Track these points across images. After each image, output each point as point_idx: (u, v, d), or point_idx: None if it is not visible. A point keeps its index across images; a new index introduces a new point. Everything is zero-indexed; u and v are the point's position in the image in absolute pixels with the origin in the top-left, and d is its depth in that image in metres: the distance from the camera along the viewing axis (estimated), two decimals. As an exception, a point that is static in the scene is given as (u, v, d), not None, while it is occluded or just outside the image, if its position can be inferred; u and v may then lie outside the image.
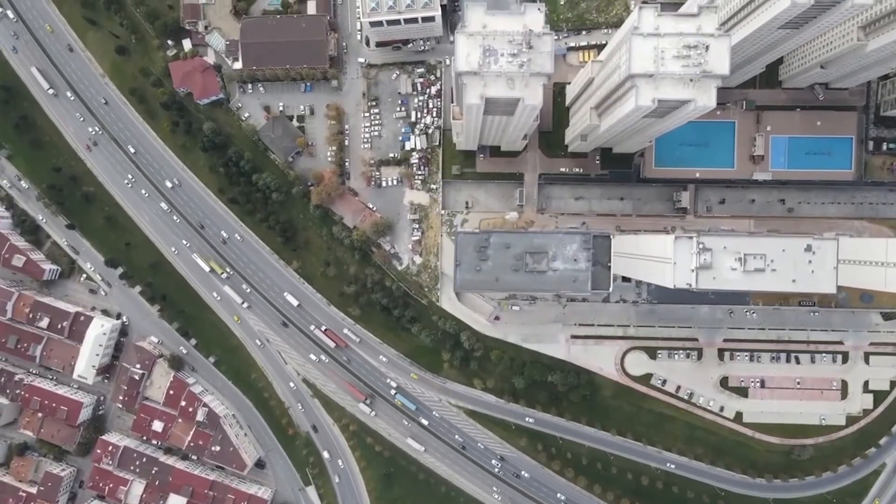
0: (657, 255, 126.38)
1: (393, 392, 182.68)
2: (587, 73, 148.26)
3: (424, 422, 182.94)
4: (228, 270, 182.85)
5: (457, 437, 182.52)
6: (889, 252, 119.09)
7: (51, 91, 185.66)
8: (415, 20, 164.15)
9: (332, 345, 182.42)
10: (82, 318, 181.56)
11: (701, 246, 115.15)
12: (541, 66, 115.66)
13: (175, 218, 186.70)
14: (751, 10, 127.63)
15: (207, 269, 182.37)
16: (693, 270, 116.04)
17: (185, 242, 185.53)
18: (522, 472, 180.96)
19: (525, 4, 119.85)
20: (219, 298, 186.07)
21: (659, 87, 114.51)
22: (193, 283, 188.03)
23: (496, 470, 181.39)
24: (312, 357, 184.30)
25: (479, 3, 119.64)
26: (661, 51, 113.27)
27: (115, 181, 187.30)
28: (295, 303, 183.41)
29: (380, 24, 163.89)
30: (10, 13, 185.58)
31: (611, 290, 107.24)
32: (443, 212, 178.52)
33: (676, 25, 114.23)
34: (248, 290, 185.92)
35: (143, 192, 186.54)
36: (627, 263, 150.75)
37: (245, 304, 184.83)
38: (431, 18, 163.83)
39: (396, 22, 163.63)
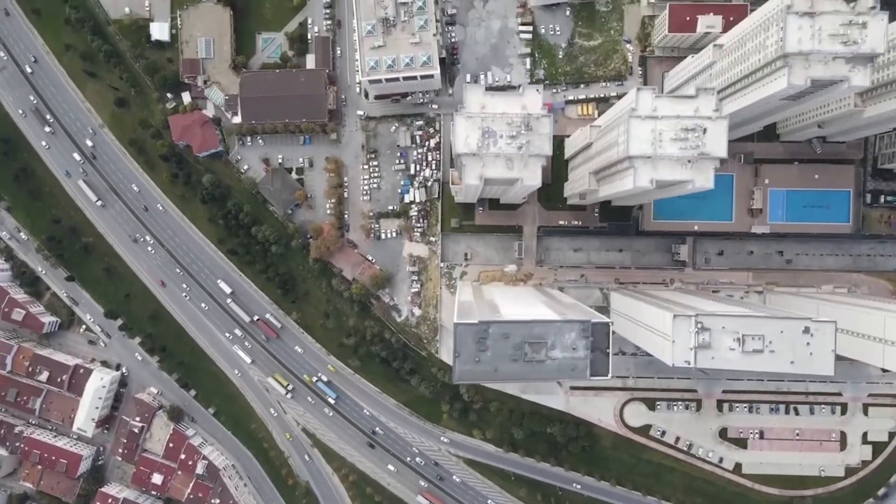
0: (656, 328, 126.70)
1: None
2: (585, 136, 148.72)
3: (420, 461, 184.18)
4: (292, 387, 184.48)
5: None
6: (887, 329, 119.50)
7: (44, 144, 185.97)
8: (414, 77, 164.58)
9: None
10: (81, 370, 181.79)
11: (700, 325, 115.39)
12: (539, 148, 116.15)
13: (178, 271, 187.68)
14: (748, 83, 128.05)
15: (278, 386, 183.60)
16: (692, 349, 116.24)
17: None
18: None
19: (523, 85, 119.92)
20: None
21: (657, 168, 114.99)
22: (192, 332, 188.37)
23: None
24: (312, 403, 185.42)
25: (478, 85, 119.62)
26: (658, 133, 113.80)
27: (117, 234, 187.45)
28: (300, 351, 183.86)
29: (379, 81, 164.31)
30: (8, 62, 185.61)
31: (610, 376, 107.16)
32: (442, 264, 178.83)
33: (674, 107, 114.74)
34: (250, 346, 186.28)
35: (150, 249, 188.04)
36: (627, 327, 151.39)
37: (250, 360, 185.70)
38: (430, 75, 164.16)
39: (395, 79, 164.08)
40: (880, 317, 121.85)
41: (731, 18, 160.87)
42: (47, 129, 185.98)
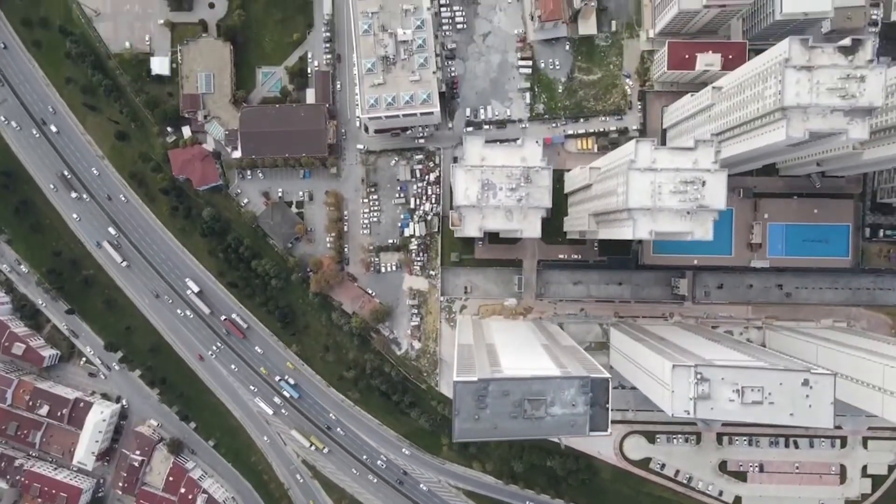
0: (655, 374, 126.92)
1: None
2: (585, 177, 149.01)
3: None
4: (325, 449, 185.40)
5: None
6: (886, 378, 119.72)
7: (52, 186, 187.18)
8: (413, 114, 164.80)
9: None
10: (82, 404, 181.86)
11: (699, 376, 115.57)
12: (539, 201, 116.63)
13: (182, 312, 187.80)
14: (746, 130, 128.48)
15: (308, 444, 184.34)
16: (691, 399, 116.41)
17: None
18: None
19: (523, 138, 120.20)
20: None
21: (656, 219, 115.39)
22: (193, 365, 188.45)
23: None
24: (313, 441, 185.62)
25: (478, 137, 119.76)
26: (658, 185, 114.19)
27: (118, 267, 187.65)
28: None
29: (378, 118, 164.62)
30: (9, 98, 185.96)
31: (609, 432, 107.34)
32: (442, 298, 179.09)
33: (673, 159, 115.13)
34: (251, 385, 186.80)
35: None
36: (626, 367, 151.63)
37: (254, 388, 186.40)
38: (430, 113, 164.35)
39: (395, 116, 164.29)
40: (879, 366, 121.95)
41: (731, 56, 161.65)
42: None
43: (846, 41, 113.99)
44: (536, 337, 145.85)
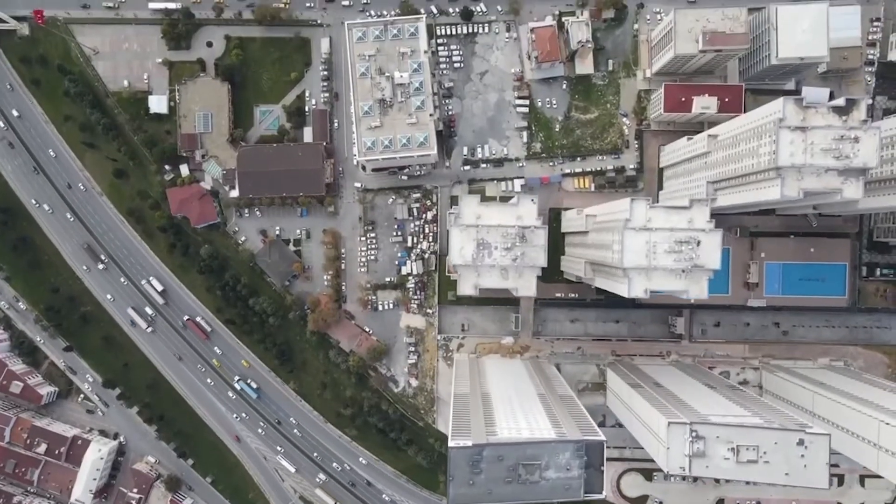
0: (651, 427, 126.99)
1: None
2: (581, 223, 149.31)
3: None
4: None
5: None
6: (882, 435, 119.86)
7: (48, 209, 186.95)
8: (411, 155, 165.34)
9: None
10: (79, 441, 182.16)
11: (694, 434, 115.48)
12: (534, 260, 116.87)
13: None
14: (742, 182, 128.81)
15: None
16: (687, 457, 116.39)
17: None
18: None
19: (519, 195, 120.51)
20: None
21: (651, 278, 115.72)
22: (191, 401, 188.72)
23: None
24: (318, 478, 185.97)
25: (473, 196, 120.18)
26: (653, 244, 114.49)
27: (115, 303, 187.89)
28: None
29: (375, 159, 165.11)
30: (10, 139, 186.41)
31: (604, 494, 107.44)
32: (439, 336, 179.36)
33: (668, 218, 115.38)
34: (245, 416, 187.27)
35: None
36: (623, 414, 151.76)
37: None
38: (427, 155, 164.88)
39: (392, 157, 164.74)
40: (875, 422, 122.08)
41: (727, 99, 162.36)
42: (46, 207, 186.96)
43: (840, 101, 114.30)
44: (533, 383, 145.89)
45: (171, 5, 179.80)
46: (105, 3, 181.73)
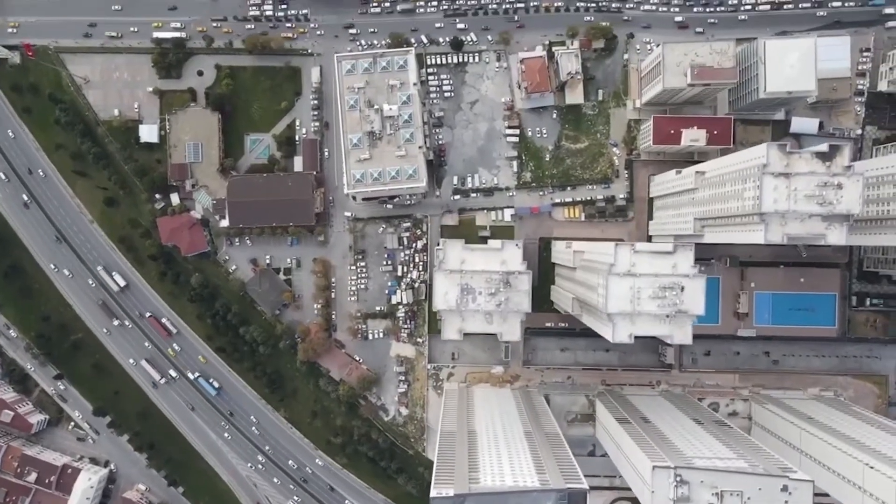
0: (637, 467, 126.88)
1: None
2: (569, 258, 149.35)
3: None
4: None
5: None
6: (866, 479, 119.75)
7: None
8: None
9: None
10: (69, 470, 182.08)
11: (678, 478, 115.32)
12: (518, 305, 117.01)
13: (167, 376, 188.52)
14: (728, 223, 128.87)
15: None
16: (671, 500, 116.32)
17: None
18: None
19: (504, 242, 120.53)
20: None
21: (635, 323, 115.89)
22: (182, 429, 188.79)
23: None
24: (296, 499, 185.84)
25: (457, 241, 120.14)
26: (637, 290, 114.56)
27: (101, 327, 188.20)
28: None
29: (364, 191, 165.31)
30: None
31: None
32: (429, 365, 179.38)
33: (652, 263, 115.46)
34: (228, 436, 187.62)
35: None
36: (611, 448, 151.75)
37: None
38: (416, 187, 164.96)
39: (381, 189, 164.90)
40: (860, 465, 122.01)
41: (716, 132, 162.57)
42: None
43: (823, 147, 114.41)
44: (520, 419, 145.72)
45: (176, 34, 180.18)
46: (108, 32, 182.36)
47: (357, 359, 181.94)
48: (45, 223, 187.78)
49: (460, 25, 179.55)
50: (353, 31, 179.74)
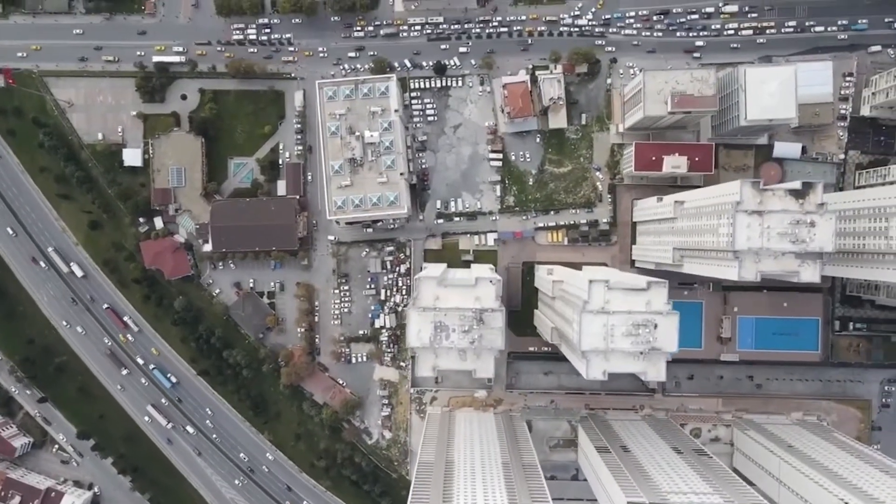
0: (612, 499, 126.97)
1: None
2: (549, 287, 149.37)
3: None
4: None
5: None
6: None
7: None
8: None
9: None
10: (53, 493, 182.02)
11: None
12: (492, 342, 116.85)
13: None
14: (705, 256, 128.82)
15: None
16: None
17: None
18: None
19: (478, 277, 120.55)
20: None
21: (609, 360, 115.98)
22: (168, 453, 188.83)
23: None
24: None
25: (432, 278, 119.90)
26: (611, 327, 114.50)
27: (91, 353, 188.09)
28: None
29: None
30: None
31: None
32: (412, 389, 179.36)
33: (626, 300, 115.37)
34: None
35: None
36: (591, 478, 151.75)
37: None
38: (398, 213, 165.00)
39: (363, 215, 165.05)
40: (836, 501, 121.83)
41: (697, 158, 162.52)
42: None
43: (797, 184, 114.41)
44: (500, 446, 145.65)
45: (175, 59, 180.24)
46: (105, 56, 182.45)
47: (340, 382, 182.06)
48: (29, 244, 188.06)
49: (443, 46, 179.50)
50: (336, 57, 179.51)
